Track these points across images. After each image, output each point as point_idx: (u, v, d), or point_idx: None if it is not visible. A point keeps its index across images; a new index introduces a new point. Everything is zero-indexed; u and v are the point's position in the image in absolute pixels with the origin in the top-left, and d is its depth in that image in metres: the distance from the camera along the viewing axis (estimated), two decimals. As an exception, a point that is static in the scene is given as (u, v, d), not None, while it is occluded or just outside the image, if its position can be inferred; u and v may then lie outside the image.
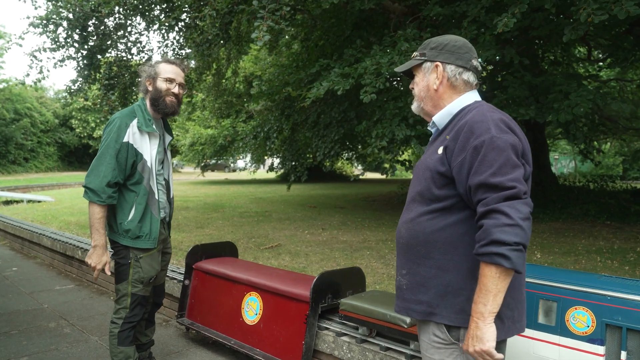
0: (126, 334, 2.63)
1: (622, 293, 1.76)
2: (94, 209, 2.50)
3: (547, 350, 1.90)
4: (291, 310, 2.94)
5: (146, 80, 2.67)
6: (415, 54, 1.70)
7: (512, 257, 1.29)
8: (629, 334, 1.72)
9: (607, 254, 5.69)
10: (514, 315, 1.47)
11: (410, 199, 1.64)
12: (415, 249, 1.55)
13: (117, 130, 2.52)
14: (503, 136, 1.40)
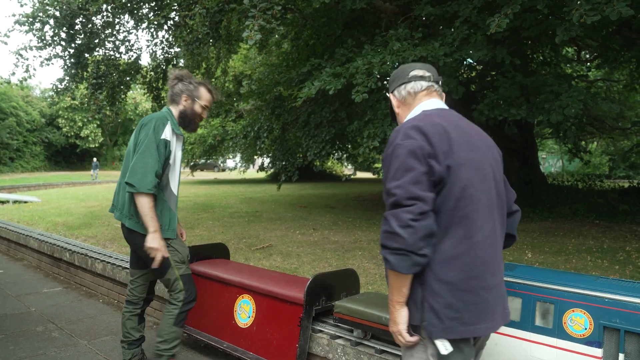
0: (183, 316, 2.83)
1: (620, 295, 1.76)
2: (143, 200, 2.62)
3: (545, 353, 1.89)
4: (285, 313, 2.91)
5: (185, 96, 2.85)
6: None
7: (391, 260, 1.45)
8: (626, 336, 1.71)
9: (597, 253, 5.74)
10: (462, 317, 1.48)
11: None
12: None
13: (155, 128, 2.69)
14: (405, 142, 1.51)
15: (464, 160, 1.52)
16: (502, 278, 1.61)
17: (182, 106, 2.85)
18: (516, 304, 1.97)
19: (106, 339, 3.83)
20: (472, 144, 1.59)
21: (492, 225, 1.57)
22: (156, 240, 2.65)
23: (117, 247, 7.13)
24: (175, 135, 2.79)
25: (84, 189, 23.06)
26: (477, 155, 1.58)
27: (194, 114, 2.87)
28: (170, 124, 2.76)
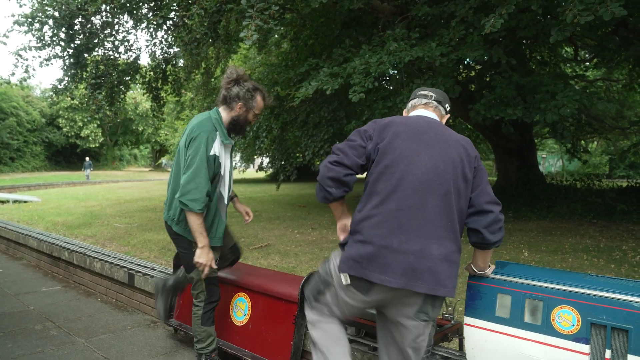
0: (208, 315, 2.90)
1: (607, 292, 1.78)
2: (194, 218, 2.68)
3: (533, 349, 1.91)
4: (280, 311, 2.93)
5: (240, 104, 2.76)
6: None
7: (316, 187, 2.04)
8: (613, 332, 1.74)
9: (594, 252, 5.76)
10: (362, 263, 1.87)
11: None
12: None
13: (205, 144, 2.66)
14: (362, 127, 2.06)
15: (395, 147, 1.92)
16: (429, 251, 1.82)
17: (235, 113, 2.77)
18: (506, 301, 1.99)
19: (104, 337, 3.85)
20: (415, 139, 1.93)
21: (418, 203, 1.85)
22: (204, 255, 2.73)
23: (116, 247, 7.16)
24: (224, 146, 2.75)
25: (83, 188, 23.09)
26: (417, 147, 1.92)
27: (246, 121, 2.82)
28: (220, 135, 2.71)
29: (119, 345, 3.69)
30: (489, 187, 1.96)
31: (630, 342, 1.69)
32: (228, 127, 2.80)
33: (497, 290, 2.03)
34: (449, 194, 1.86)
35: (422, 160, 1.89)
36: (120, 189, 20.73)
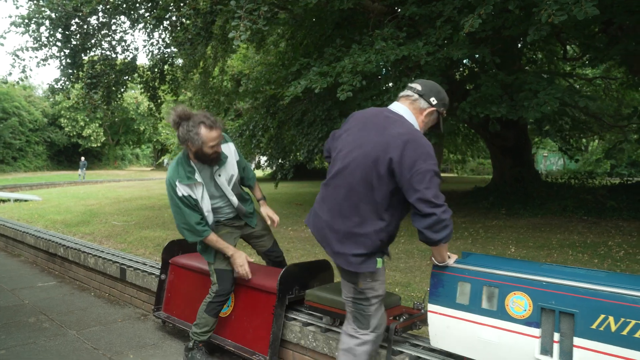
0: (213, 306, 3.06)
1: (557, 279, 1.88)
2: (207, 240, 3.02)
3: (490, 334, 2.01)
4: (260, 302, 3.04)
5: (188, 143, 2.87)
6: None
7: None
8: (561, 316, 1.83)
9: (580, 248, 5.84)
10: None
11: None
12: None
13: (171, 190, 2.96)
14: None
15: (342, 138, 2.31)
16: (334, 224, 2.20)
17: (191, 151, 2.92)
18: (465, 288, 2.09)
19: (95, 329, 3.96)
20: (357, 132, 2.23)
21: (338, 184, 2.21)
22: (237, 261, 3.08)
23: (112, 244, 7.28)
24: (191, 185, 2.94)
25: (84, 188, 23.23)
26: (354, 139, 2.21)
27: (205, 155, 2.90)
28: (179, 180, 2.91)
29: (108, 337, 3.80)
30: (426, 190, 1.97)
31: (576, 325, 1.79)
32: (199, 161, 2.96)
33: (457, 278, 2.13)
34: (359, 184, 2.12)
35: (352, 151, 2.17)
36: (121, 188, 20.85)
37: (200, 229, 2.97)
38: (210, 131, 2.84)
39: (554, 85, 5.04)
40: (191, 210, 2.95)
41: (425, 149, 2.04)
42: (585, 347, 1.76)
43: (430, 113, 2.23)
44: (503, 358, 1.99)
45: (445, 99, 2.28)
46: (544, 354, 1.86)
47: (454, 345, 2.15)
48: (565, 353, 1.81)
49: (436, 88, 2.27)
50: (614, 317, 1.70)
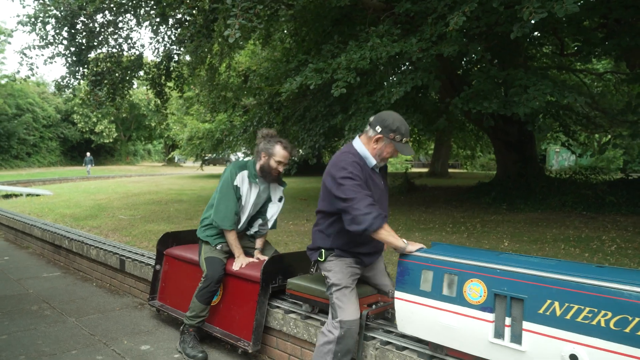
0: (203, 292, 3.25)
1: (509, 267, 1.98)
2: (228, 235, 3.37)
3: (449, 319, 2.11)
4: (246, 291, 3.17)
5: (262, 152, 3.39)
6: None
7: None
8: (512, 302, 1.93)
9: (573, 242, 5.89)
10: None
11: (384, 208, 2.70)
12: None
13: (229, 175, 3.36)
14: None
15: None
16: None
17: (261, 161, 3.38)
18: (428, 276, 2.20)
19: (93, 317, 4.14)
20: None
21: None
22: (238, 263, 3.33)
23: (118, 237, 7.47)
24: (247, 182, 3.38)
25: (96, 183, 23.60)
26: None
27: (269, 167, 3.35)
28: (247, 172, 3.38)
29: (105, 324, 3.97)
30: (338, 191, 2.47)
31: (525, 310, 1.89)
32: (260, 174, 3.42)
33: (421, 266, 2.24)
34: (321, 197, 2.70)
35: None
36: (131, 183, 21.16)
37: (233, 218, 3.34)
38: (284, 150, 3.38)
39: (544, 82, 5.09)
40: (234, 199, 3.36)
41: (340, 164, 2.52)
42: (533, 331, 1.86)
43: (377, 140, 2.58)
44: (461, 342, 2.10)
45: (393, 126, 2.53)
46: (497, 337, 1.97)
47: (418, 329, 2.26)
48: (515, 336, 1.92)
49: (383, 117, 2.58)
50: (559, 302, 1.79)
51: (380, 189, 2.68)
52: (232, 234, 3.36)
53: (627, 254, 5.31)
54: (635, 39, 5.54)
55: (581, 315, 1.74)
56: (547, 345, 1.81)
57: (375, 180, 2.65)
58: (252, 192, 3.43)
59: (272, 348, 3.24)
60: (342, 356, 2.43)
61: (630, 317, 1.63)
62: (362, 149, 2.63)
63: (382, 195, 2.71)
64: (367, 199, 2.40)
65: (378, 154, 2.61)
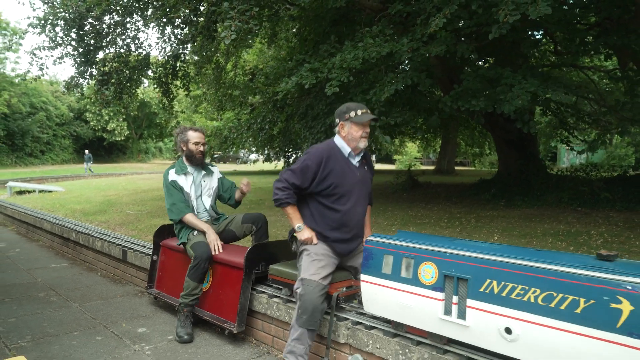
0: (194, 271, 3.52)
1: (458, 250, 2.18)
2: (186, 220, 3.73)
3: (407, 299, 2.32)
4: (232, 277, 3.40)
5: (180, 144, 3.89)
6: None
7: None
8: (459, 282, 2.13)
9: (562, 236, 6.03)
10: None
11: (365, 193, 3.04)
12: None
13: (165, 178, 3.85)
14: None
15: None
16: None
17: (184, 151, 3.88)
18: (389, 260, 2.40)
19: (96, 303, 4.40)
20: None
21: None
22: (210, 236, 3.65)
23: (125, 231, 7.75)
24: (180, 175, 3.82)
25: (108, 180, 24.06)
26: None
27: (191, 152, 3.85)
28: (175, 170, 3.83)
29: (106, 309, 4.23)
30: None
31: (469, 289, 2.09)
32: (189, 162, 3.89)
33: (383, 251, 2.44)
34: None
35: None
36: (141, 180, 21.55)
37: (182, 206, 3.73)
38: (194, 132, 3.91)
39: (530, 80, 5.24)
40: (177, 191, 3.78)
41: (303, 156, 2.95)
42: (476, 307, 2.06)
43: (341, 127, 2.94)
44: (417, 319, 2.30)
45: (343, 109, 2.93)
46: (447, 314, 2.17)
47: (381, 309, 2.47)
48: (461, 313, 2.12)
49: (336, 110, 3.01)
50: (497, 281, 1.99)
51: (356, 177, 2.96)
52: (188, 216, 3.71)
53: (612, 247, 5.44)
54: (623, 38, 5.67)
55: (515, 292, 1.93)
56: (487, 320, 2.02)
57: (351, 168, 2.95)
58: (188, 179, 3.85)
59: (258, 330, 3.47)
60: (302, 314, 2.65)
61: (555, 293, 1.82)
62: (339, 140, 2.98)
63: (359, 183, 2.97)
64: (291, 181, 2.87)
65: (350, 139, 2.91)
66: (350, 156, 2.96)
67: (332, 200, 2.89)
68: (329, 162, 2.85)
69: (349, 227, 2.91)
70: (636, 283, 1.65)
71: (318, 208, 2.94)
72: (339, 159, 2.90)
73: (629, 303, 1.64)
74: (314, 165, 2.84)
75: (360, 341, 2.70)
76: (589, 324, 1.73)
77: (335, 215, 2.90)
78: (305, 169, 2.85)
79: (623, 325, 1.65)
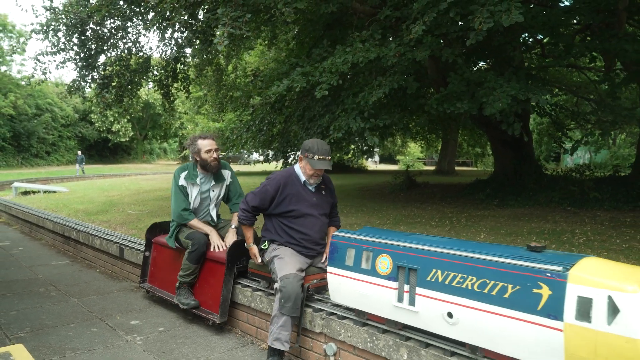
0: (192, 256, 3.76)
1: (409, 244, 2.39)
2: (191, 225, 3.93)
3: (366, 288, 2.53)
4: (216, 271, 3.64)
5: (194, 154, 3.98)
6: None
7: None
8: (410, 272, 2.35)
9: (546, 235, 6.21)
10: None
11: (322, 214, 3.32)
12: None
13: (175, 178, 3.99)
14: None
15: None
16: None
17: (198, 161, 3.96)
18: (351, 253, 2.62)
19: (93, 298, 4.65)
20: None
21: None
22: (213, 239, 3.85)
23: (125, 230, 8.00)
24: (190, 183, 3.97)
25: (112, 180, 24.39)
26: None
27: (205, 160, 3.92)
28: (186, 174, 3.97)
29: (103, 303, 4.48)
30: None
31: (418, 278, 2.30)
32: (203, 170, 4.00)
33: (347, 245, 2.66)
34: None
35: None
36: (144, 181, 21.85)
37: (185, 214, 3.94)
38: (204, 140, 3.96)
39: (511, 84, 5.43)
40: (184, 197, 3.94)
41: (265, 180, 3.31)
42: (424, 295, 2.27)
43: (300, 160, 3.26)
44: (375, 307, 2.52)
45: (307, 147, 3.21)
46: (399, 301, 2.39)
47: (345, 298, 2.69)
48: (411, 300, 2.33)
49: (305, 143, 3.27)
50: (441, 271, 2.21)
51: (313, 201, 3.29)
52: (193, 222, 3.93)
53: (593, 245, 5.62)
54: (604, 42, 5.84)
55: (455, 280, 2.14)
56: (433, 305, 2.23)
57: (305, 193, 3.28)
58: (194, 189, 4.00)
59: (243, 322, 3.70)
60: (285, 302, 2.89)
61: (488, 280, 2.03)
62: (298, 169, 3.32)
63: (315, 206, 3.29)
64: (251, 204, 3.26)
65: (304, 172, 3.26)
66: (306, 183, 3.29)
67: (290, 220, 3.24)
68: (286, 188, 3.21)
69: (307, 245, 3.25)
70: (554, 270, 1.85)
71: (280, 226, 3.27)
72: (296, 185, 3.25)
73: (548, 288, 1.85)
74: (272, 190, 3.21)
75: (334, 330, 2.92)
76: (515, 307, 1.94)
77: (294, 234, 3.24)
78: (264, 193, 3.22)
79: (543, 307, 1.86)
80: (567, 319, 1.79)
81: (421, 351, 2.39)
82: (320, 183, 3.35)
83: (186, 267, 3.80)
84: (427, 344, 2.40)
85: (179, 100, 29.25)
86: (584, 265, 1.86)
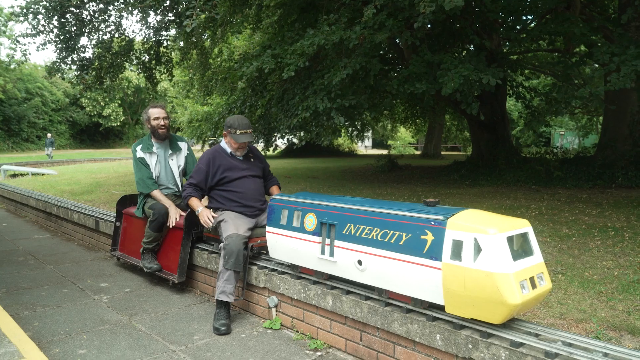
0: (153, 224, 4.03)
1: (331, 203, 2.70)
2: (153, 195, 4.17)
3: (297, 244, 2.85)
4: (175, 236, 3.96)
5: (145, 122, 4.28)
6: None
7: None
8: (330, 227, 2.67)
9: (502, 210, 6.55)
10: None
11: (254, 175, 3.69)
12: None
13: (133, 152, 4.26)
14: None
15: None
16: None
17: (149, 128, 4.25)
18: (285, 213, 2.94)
19: (68, 265, 4.96)
20: None
21: None
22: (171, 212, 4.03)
23: (108, 208, 8.29)
24: (145, 153, 4.20)
25: (102, 164, 24.56)
26: None
27: (154, 127, 4.21)
28: (141, 147, 4.21)
29: (76, 269, 4.79)
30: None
31: (336, 232, 2.62)
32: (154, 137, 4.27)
33: (281, 207, 2.98)
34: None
35: None
36: (133, 164, 22.04)
37: (149, 182, 4.19)
38: (154, 109, 4.26)
39: (465, 65, 5.73)
40: (145, 168, 4.19)
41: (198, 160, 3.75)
42: (340, 247, 2.59)
43: (224, 135, 3.65)
44: (304, 260, 2.85)
45: (229, 123, 3.58)
46: (322, 254, 2.71)
47: (281, 254, 3.01)
48: (332, 252, 2.66)
49: (227, 119, 3.62)
50: (354, 225, 2.53)
51: (241, 167, 3.65)
52: (155, 192, 4.17)
53: (543, 219, 5.97)
54: (558, 25, 6.12)
55: (364, 232, 2.47)
56: (347, 255, 2.55)
57: (235, 163, 3.65)
58: (152, 158, 4.25)
59: (201, 283, 4.02)
60: (229, 259, 3.21)
61: (388, 230, 2.36)
62: (224, 144, 3.73)
63: (246, 170, 3.64)
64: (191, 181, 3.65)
65: (230, 146, 3.65)
66: (233, 154, 3.68)
67: (226, 185, 3.61)
68: (215, 161, 3.61)
69: (246, 203, 3.61)
70: (437, 219, 2.18)
71: (220, 194, 3.64)
72: (224, 156, 3.65)
73: (431, 234, 2.18)
74: (204, 166, 3.61)
75: (275, 284, 3.25)
76: (408, 252, 2.26)
77: (232, 196, 3.60)
78: (199, 170, 3.65)
79: (427, 251, 2.19)
80: (444, 259, 2.12)
81: (342, 297, 2.73)
82: (248, 152, 3.72)
83: (148, 234, 4.10)
84: (348, 291, 2.73)
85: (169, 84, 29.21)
86: (462, 215, 2.18)
